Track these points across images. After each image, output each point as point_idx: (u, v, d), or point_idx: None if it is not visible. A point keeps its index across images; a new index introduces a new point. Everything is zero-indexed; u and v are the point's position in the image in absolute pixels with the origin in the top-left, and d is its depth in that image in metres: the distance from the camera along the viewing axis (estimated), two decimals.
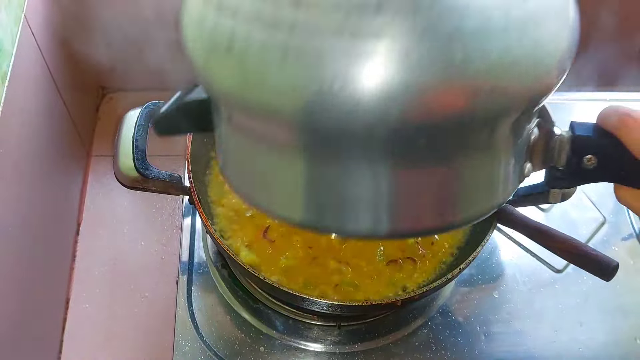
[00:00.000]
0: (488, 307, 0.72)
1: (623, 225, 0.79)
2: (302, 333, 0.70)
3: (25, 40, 0.70)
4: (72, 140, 0.91)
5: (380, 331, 0.70)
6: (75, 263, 0.87)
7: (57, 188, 0.84)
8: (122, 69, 1.02)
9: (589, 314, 0.72)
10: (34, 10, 0.74)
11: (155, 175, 0.60)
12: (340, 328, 0.70)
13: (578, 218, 0.79)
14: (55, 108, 0.82)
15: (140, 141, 0.59)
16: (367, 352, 0.69)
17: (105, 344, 0.81)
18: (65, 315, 0.83)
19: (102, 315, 0.83)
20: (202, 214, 0.62)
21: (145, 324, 0.82)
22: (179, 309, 0.70)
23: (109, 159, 0.97)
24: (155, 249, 0.88)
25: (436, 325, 0.71)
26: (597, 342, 0.71)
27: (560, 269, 0.75)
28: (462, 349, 0.70)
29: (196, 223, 0.77)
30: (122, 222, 0.90)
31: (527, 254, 0.76)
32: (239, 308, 0.71)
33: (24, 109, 0.70)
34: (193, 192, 0.62)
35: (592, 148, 0.36)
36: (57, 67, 0.82)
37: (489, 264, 0.75)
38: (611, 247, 0.77)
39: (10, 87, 0.64)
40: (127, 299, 0.84)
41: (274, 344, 0.69)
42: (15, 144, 0.67)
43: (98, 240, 0.89)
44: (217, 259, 0.74)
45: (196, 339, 0.68)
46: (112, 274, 0.86)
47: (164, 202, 0.92)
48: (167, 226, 0.90)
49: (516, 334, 0.71)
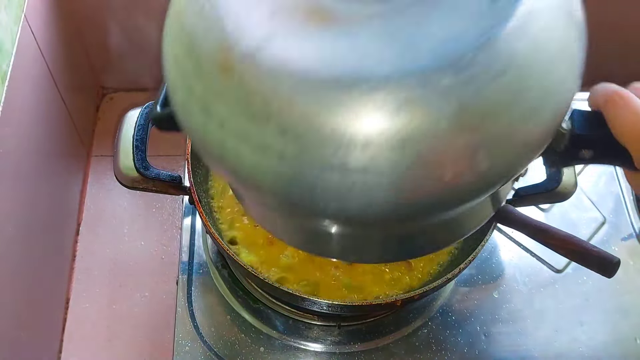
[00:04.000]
0: (488, 307, 0.72)
1: (623, 225, 0.79)
2: (302, 333, 0.70)
3: (25, 40, 0.70)
4: (72, 140, 0.91)
5: (380, 331, 0.70)
6: (75, 263, 0.87)
7: (57, 188, 0.84)
8: (122, 69, 1.02)
9: (589, 314, 0.72)
10: (34, 10, 0.74)
11: (155, 175, 0.60)
12: (340, 328, 0.70)
13: (578, 218, 0.79)
14: (55, 108, 0.82)
15: (140, 141, 0.59)
16: (367, 352, 0.69)
17: (105, 343, 0.81)
18: (65, 315, 0.83)
19: (102, 315, 0.83)
20: (202, 214, 0.62)
21: (145, 324, 0.82)
22: (179, 309, 0.70)
23: (109, 159, 0.97)
24: (155, 249, 0.88)
25: (436, 325, 0.71)
26: (597, 342, 0.71)
27: (560, 269, 0.75)
28: (462, 349, 0.70)
29: (196, 223, 0.77)
30: (122, 222, 0.90)
31: (527, 254, 0.76)
32: (239, 308, 0.71)
33: (24, 109, 0.70)
34: (193, 192, 0.62)
35: (590, 143, 0.36)
36: (57, 67, 0.82)
37: (489, 264, 0.75)
38: (611, 247, 0.77)
39: (10, 87, 0.64)
40: (127, 298, 0.84)
41: (274, 344, 0.69)
42: (15, 143, 0.67)
43: (98, 240, 0.89)
44: (217, 259, 0.74)
45: (196, 339, 0.68)
46: (112, 274, 0.86)
47: (164, 202, 0.92)
48: (167, 226, 0.90)
49: (516, 334, 0.71)
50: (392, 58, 0.26)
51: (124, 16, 0.91)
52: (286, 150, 0.27)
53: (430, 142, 0.26)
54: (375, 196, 0.27)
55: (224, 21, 0.29)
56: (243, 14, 0.29)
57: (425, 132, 0.26)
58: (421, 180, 0.27)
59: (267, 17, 0.28)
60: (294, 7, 0.29)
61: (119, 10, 0.90)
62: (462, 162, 0.27)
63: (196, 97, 0.30)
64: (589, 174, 0.81)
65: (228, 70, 0.28)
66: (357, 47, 0.27)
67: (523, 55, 0.27)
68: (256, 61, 0.27)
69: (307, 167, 0.27)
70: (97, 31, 0.93)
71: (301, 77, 0.27)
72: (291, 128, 0.27)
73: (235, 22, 0.28)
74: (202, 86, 0.29)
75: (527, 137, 0.28)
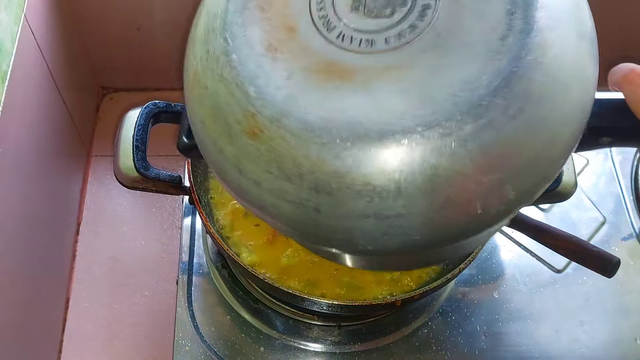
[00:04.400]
0: (488, 307, 0.72)
1: (623, 225, 0.79)
2: (302, 333, 0.70)
3: (25, 40, 0.70)
4: (72, 140, 0.91)
5: (380, 331, 0.70)
6: (75, 263, 0.87)
7: (57, 188, 0.84)
8: (122, 69, 1.02)
9: (590, 314, 0.72)
10: (34, 10, 0.74)
11: (155, 175, 0.60)
12: (340, 328, 0.70)
13: (578, 218, 0.79)
14: (55, 108, 0.82)
15: (140, 141, 0.59)
16: (367, 352, 0.69)
17: (105, 343, 0.81)
18: (65, 315, 0.83)
19: (102, 315, 0.83)
20: (202, 214, 0.62)
21: (145, 323, 0.82)
22: (179, 309, 0.70)
23: (109, 159, 0.97)
24: (155, 248, 0.88)
25: (436, 325, 0.71)
26: (597, 342, 0.71)
27: (560, 269, 0.75)
28: (462, 349, 0.70)
29: (196, 223, 0.77)
30: (122, 221, 0.90)
31: (527, 254, 0.76)
32: (239, 308, 0.71)
33: (24, 109, 0.70)
34: (193, 192, 0.62)
35: (609, 131, 0.35)
36: (57, 67, 0.82)
37: (489, 264, 0.75)
38: (611, 247, 0.77)
39: (10, 87, 0.64)
40: (127, 298, 0.84)
41: (274, 344, 0.69)
42: (15, 143, 0.67)
43: (98, 240, 0.89)
44: (217, 259, 0.74)
45: (196, 339, 0.68)
46: (112, 274, 0.86)
47: (164, 202, 0.92)
48: (167, 226, 0.90)
49: (516, 334, 0.71)
50: (412, 110, 0.27)
51: (125, 16, 0.91)
52: (321, 205, 0.28)
53: (457, 184, 0.27)
54: (411, 236, 0.29)
55: (245, 86, 0.29)
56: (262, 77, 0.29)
57: (451, 177, 0.27)
58: (453, 217, 0.28)
59: (286, 78, 0.29)
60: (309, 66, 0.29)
61: (120, 10, 0.90)
62: (489, 197, 0.28)
63: (228, 158, 0.31)
64: (589, 174, 0.81)
65: (256, 135, 0.29)
66: (376, 102, 0.28)
67: (539, 88, 0.27)
68: (282, 125, 0.28)
69: (343, 218, 0.29)
70: (97, 31, 0.93)
71: (327, 138, 0.28)
72: (323, 185, 0.28)
73: (256, 87, 0.29)
74: (232, 149, 0.30)
75: (549, 162, 0.29)
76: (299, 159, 0.28)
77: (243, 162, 0.30)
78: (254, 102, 0.29)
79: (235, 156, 0.30)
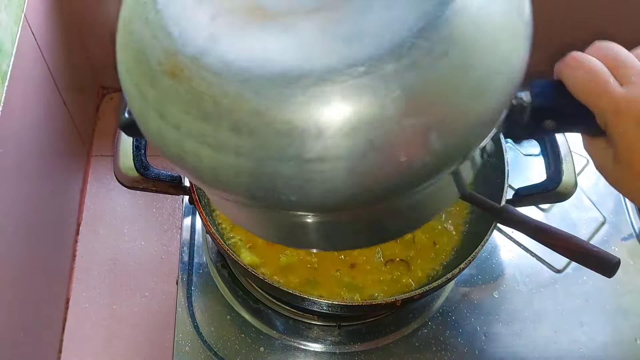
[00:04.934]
0: (488, 307, 0.72)
1: (623, 225, 0.79)
2: (302, 333, 0.70)
3: (25, 40, 0.70)
4: (72, 140, 0.91)
5: (380, 331, 0.70)
6: (75, 263, 0.87)
7: (57, 188, 0.84)
8: None
9: (589, 315, 0.72)
10: (34, 10, 0.74)
11: (155, 175, 0.60)
12: (340, 328, 0.70)
13: (578, 218, 0.79)
14: (55, 108, 0.82)
15: (140, 141, 0.59)
16: (367, 352, 0.69)
17: (105, 343, 0.81)
18: (65, 315, 0.83)
19: (102, 315, 0.82)
20: (202, 214, 0.62)
21: (145, 324, 0.82)
22: (179, 309, 0.70)
23: (109, 159, 0.97)
24: (155, 248, 0.88)
25: (436, 325, 0.71)
26: (597, 342, 0.71)
27: (560, 269, 0.75)
28: (462, 349, 0.70)
29: (196, 223, 0.77)
30: (122, 222, 0.90)
31: (527, 254, 0.76)
32: (239, 308, 0.71)
33: (24, 109, 0.70)
34: (193, 192, 0.62)
35: (552, 113, 0.36)
36: (57, 67, 0.82)
37: (489, 264, 0.75)
38: (611, 247, 0.77)
39: (10, 87, 0.64)
40: (127, 298, 0.84)
41: (274, 344, 0.69)
42: (15, 143, 0.67)
43: (98, 240, 0.89)
44: (217, 259, 0.74)
45: (196, 339, 0.68)
46: (112, 274, 0.86)
47: (164, 202, 0.92)
48: (167, 226, 0.90)
49: (516, 334, 0.71)
50: (334, 50, 0.27)
51: None
52: (241, 147, 0.28)
53: (380, 128, 0.27)
54: (334, 184, 0.28)
55: (168, 27, 0.29)
56: (186, 19, 0.29)
57: (373, 118, 0.27)
58: (376, 164, 0.27)
59: (209, 19, 0.29)
60: (234, 8, 0.29)
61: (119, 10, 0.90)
62: (415, 145, 0.27)
63: (150, 103, 0.30)
64: (589, 174, 0.81)
65: (177, 75, 0.29)
66: (299, 41, 0.27)
67: (463, 35, 0.27)
68: (202, 63, 0.28)
69: (263, 161, 0.28)
70: (97, 31, 0.93)
71: (247, 75, 0.27)
72: (243, 125, 0.27)
73: (179, 28, 0.29)
74: (154, 92, 0.30)
75: (476, 115, 0.29)
76: (217, 97, 0.28)
77: (164, 105, 0.29)
78: (176, 41, 0.29)
79: (156, 100, 0.30)
